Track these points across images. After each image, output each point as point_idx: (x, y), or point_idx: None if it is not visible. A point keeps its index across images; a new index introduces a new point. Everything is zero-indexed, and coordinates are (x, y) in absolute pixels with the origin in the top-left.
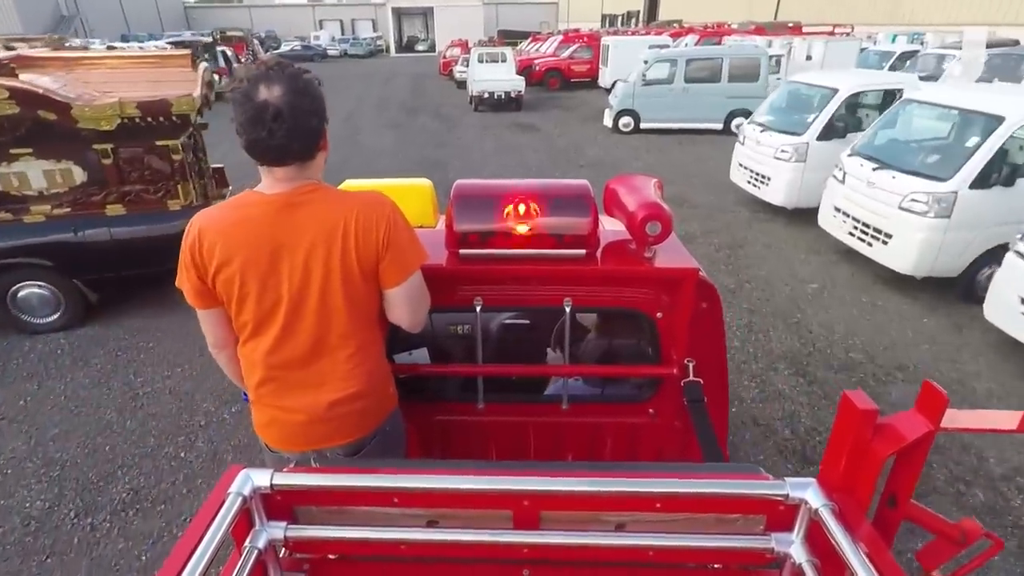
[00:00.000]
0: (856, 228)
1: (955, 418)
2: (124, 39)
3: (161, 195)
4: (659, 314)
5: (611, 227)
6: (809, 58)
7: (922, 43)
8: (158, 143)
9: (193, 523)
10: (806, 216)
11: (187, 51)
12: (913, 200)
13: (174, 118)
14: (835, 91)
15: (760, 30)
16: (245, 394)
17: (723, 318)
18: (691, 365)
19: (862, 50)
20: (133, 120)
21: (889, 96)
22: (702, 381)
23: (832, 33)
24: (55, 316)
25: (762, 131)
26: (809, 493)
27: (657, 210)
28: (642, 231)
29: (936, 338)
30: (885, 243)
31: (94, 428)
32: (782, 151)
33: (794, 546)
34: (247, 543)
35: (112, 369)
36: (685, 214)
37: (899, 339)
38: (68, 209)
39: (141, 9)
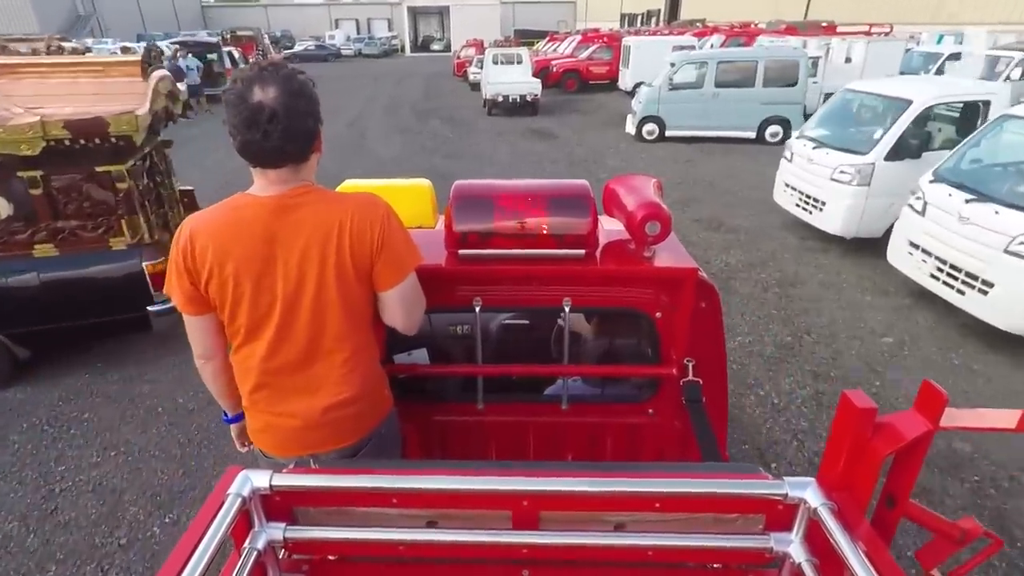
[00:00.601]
0: (941, 271)
1: (954, 417)
2: (140, 39)
3: (102, 232)
4: (658, 314)
5: (610, 227)
6: (848, 60)
7: None
8: (98, 170)
9: (192, 524)
10: (867, 247)
11: (136, 57)
12: None
13: (113, 140)
14: (907, 103)
15: (792, 30)
16: (226, 414)
17: (722, 318)
18: (690, 365)
19: (906, 51)
20: (62, 143)
21: (970, 109)
22: (701, 381)
23: (869, 33)
24: None
25: (815, 147)
26: (808, 492)
27: (656, 210)
28: (641, 231)
29: None
30: (984, 292)
31: None
32: (841, 172)
33: (793, 545)
34: (246, 544)
35: (32, 451)
36: (723, 241)
37: None
38: None
39: (158, 8)
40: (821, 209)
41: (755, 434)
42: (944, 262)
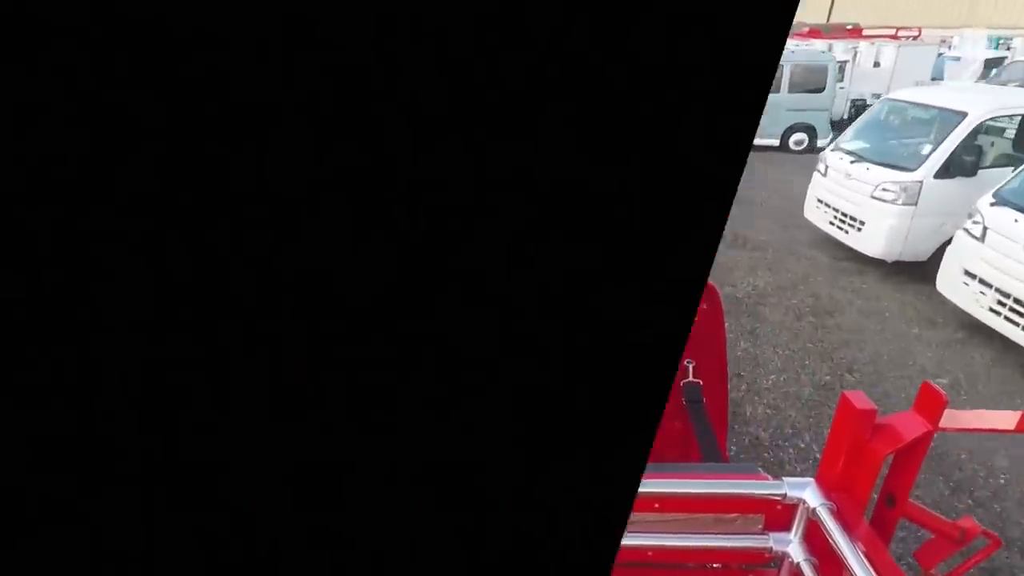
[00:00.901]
0: (1003, 305)
1: (954, 418)
2: None
3: None
4: None
5: None
6: (877, 65)
7: (1008, 48)
8: None
9: None
10: (907, 270)
11: None
12: None
13: None
14: (962, 115)
15: (816, 32)
16: None
17: (724, 320)
18: (691, 366)
19: (938, 55)
20: None
21: None
22: (701, 382)
23: (896, 36)
24: None
25: (853, 162)
26: (807, 493)
27: None
28: None
29: None
30: None
31: None
32: (884, 189)
33: (792, 545)
34: None
35: None
36: (749, 260)
37: None
38: None
39: None
40: (860, 229)
41: None
42: (1007, 295)
